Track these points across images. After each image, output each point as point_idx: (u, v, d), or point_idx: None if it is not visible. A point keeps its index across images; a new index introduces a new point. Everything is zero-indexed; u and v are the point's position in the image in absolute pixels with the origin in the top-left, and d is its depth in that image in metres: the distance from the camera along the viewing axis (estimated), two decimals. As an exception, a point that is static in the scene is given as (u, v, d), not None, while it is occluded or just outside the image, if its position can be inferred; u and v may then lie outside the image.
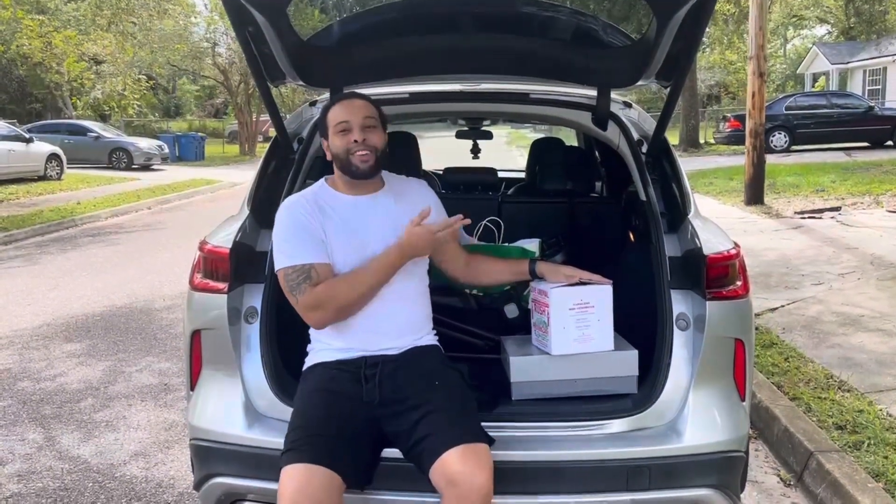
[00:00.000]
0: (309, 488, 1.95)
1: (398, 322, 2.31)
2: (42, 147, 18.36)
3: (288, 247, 2.24)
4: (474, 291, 2.89)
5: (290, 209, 2.31)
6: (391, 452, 2.17)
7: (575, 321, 2.40)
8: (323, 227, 2.27)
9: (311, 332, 2.36)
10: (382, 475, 2.15)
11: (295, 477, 1.97)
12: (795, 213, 10.45)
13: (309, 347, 2.38)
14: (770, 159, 13.01)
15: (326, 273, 2.23)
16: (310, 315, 2.23)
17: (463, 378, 2.32)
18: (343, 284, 2.22)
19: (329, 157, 2.36)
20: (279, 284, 2.40)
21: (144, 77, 30.08)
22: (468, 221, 2.30)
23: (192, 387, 2.47)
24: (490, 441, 2.11)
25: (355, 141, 2.27)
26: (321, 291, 2.19)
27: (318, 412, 2.15)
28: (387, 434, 2.17)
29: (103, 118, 31.90)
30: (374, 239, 2.29)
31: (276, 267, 2.25)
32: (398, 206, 2.37)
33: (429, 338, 2.40)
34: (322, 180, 2.43)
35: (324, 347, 2.32)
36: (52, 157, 18.48)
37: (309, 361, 2.35)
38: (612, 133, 2.83)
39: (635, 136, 2.81)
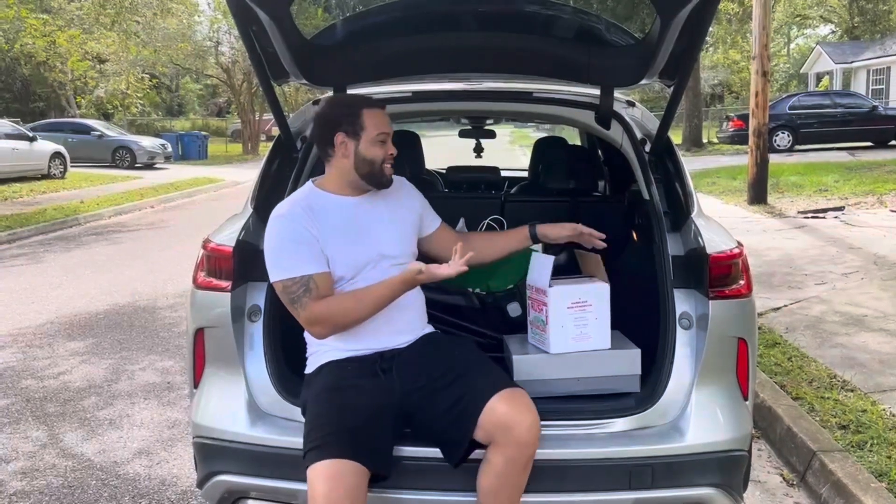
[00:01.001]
0: (342, 482, 1.96)
1: (402, 322, 2.34)
2: (46, 146, 18.39)
3: (284, 259, 2.22)
4: (477, 290, 2.89)
5: (285, 219, 2.26)
6: (410, 451, 2.18)
7: (573, 319, 2.40)
8: (319, 234, 2.25)
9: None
10: (401, 473, 2.16)
11: (325, 474, 1.97)
12: (799, 212, 10.44)
13: (310, 351, 2.38)
14: (773, 159, 12.99)
15: (325, 283, 2.23)
16: (311, 328, 2.25)
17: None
18: (345, 305, 2.22)
19: (343, 156, 2.30)
20: None
21: (147, 76, 30.15)
22: (470, 255, 2.25)
23: (196, 385, 2.47)
24: None
25: (391, 154, 2.31)
26: (323, 310, 2.20)
27: (336, 407, 2.14)
28: (416, 424, 2.18)
29: (106, 117, 32.00)
30: (371, 240, 2.30)
31: (273, 278, 2.23)
32: (388, 205, 2.39)
33: (428, 328, 2.46)
34: (309, 183, 2.41)
35: (330, 349, 2.32)
36: (56, 155, 18.52)
37: (315, 363, 2.34)
38: (616, 132, 2.83)
39: (638, 134, 2.81)
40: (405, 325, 2.34)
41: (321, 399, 2.19)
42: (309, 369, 2.36)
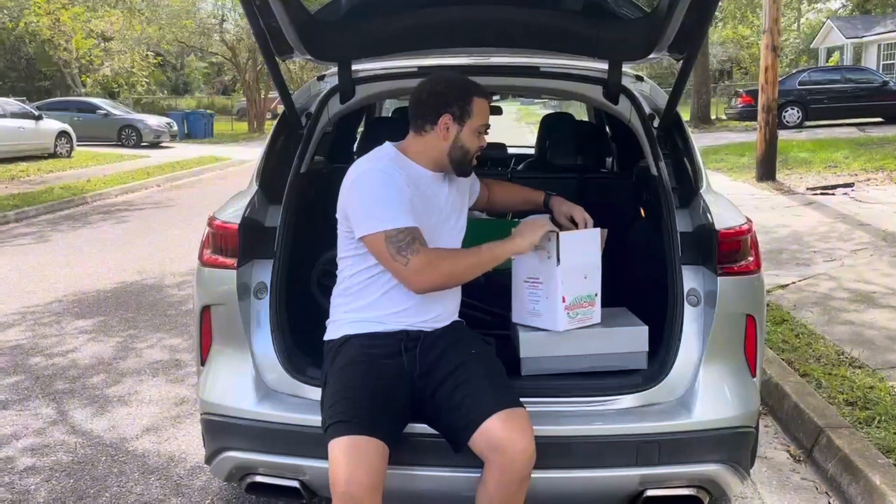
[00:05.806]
0: (365, 458, 1.95)
1: (437, 307, 2.29)
2: (52, 124, 18.40)
3: (390, 210, 2.11)
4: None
5: (384, 172, 2.18)
6: (422, 428, 2.17)
7: (529, 294, 2.43)
8: (412, 196, 2.19)
9: (342, 303, 2.30)
10: (415, 450, 2.16)
11: (348, 449, 1.97)
12: (808, 189, 10.37)
13: (330, 321, 2.34)
14: (782, 135, 12.89)
15: (423, 239, 2.16)
16: (417, 277, 2.11)
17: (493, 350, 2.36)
18: (462, 258, 2.20)
19: (443, 137, 2.23)
20: (288, 260, 2.39)
21: (152, 54, 30.03)
22: None
23: (203, 362, 2.48)
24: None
25: (482, 146, 2.29)
26: (438, 254, 2.15)
27: (360, 382, 2.12)
28: (424, 408, 2.17)
29: (112, 95, 31.92)
30: (442, 217, 2.30)
31: (375, 229, 2.11)
32: (453, 184, 2.38)
33: (457, 316, 2.41)
34: (390, 145, 2.30)
35: (359, 319, 2.26)
36: (62, 134, 18.53)
37: (338, 332, 2.28)
38: (624, 107, 2.80)
39: (647, 110, 2.78)
40: (439, 311, 2.29)
41: (347, 372, 2.16)
42: (330, 336, 2.30)
